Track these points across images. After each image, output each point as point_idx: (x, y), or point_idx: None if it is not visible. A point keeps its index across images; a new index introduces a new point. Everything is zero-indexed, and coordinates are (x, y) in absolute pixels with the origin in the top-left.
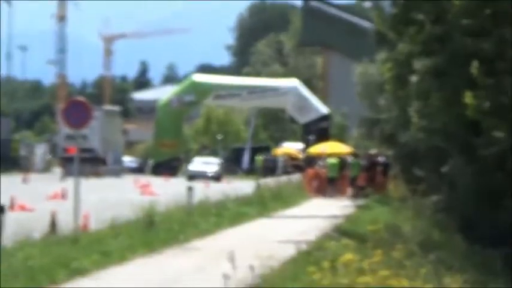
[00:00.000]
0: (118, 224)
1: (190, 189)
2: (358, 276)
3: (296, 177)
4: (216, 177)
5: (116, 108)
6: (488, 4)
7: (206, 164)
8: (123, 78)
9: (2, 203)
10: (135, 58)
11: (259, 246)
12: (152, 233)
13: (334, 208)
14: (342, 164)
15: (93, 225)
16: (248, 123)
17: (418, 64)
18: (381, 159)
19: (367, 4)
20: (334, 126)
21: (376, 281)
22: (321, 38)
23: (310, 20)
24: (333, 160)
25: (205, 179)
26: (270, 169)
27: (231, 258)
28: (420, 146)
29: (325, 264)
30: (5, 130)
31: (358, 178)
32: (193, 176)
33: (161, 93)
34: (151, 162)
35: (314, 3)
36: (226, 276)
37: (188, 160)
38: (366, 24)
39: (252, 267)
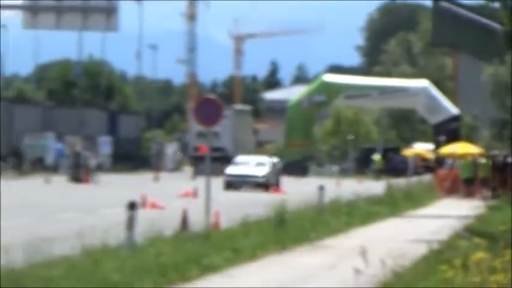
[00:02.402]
0: (249, 222)
1: (321, 188)
2: (490, 274)
3: (427, 177)
4: (264, 184)
5: (247, 107)
6: None
7: (251, 165)
8: (253, 78)
9: (133, 200)
10: (265, 58)
11: (391, 245)
12: (283, 231)
13: (465, 208)
14: (474, 165)
15: (224, 223)
16: (378, 124)
17: None
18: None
19: (496, 5)
20: (464, 127)
21: (508, 279)
22: (450, 38)
23: (440, 20)
24: (468, 161)
25: (249, 187)
26: (400, 170)
27: (363, 254)
28: None
29: (457, 262)
30: (136, 129)
31: (489, 179)
32: (231, 183)
33: (291, 93)
34: (279, 161)
35: (444, 4)
36: (357, 271)
37: (318, 160)
38: (495, 25)
39: (383, 262)
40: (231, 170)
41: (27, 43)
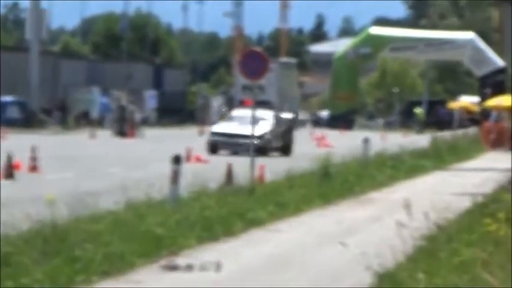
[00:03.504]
0: (294, 175)
1: (366, 141)
2: None
3: (472, 130)
4: (260, 148)
5: (292, 60)
6: None
7: (246, 121)
8: (299, 31)
9: (178, 154)
10: (311, 10)
11: (435, 198)
12: (328, 184)
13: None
14: None
15: (269, 176)
16: (423, 77)
17: None
18: None
19: None
20: (510, 79)
21: None
22: None
23: None
24: None
25: (242, 151)
26: (445, 123)
27: (407, 206)
28: None
29: (501, 216)
30: (181, 82)
31: None
32: (217, 145)
33: (337, 46)
34: (318, 114)
35: None
36: (400, 224)
37: (368, 113)
38: None
39: (426, 215)
40: (217, 127)
41: None
